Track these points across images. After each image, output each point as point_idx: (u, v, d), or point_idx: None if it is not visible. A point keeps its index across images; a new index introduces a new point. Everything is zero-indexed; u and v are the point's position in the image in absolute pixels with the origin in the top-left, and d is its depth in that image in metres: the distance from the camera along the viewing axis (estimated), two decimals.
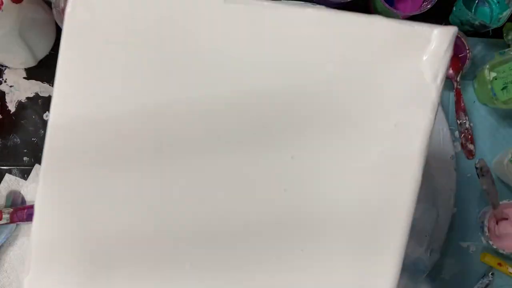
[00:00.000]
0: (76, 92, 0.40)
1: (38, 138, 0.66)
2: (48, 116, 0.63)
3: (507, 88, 0.66)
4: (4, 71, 0.67)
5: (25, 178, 0.66)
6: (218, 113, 0.40)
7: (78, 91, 0.40)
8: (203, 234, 0.40)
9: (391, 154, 0.39)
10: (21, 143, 0.66)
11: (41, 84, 0.67)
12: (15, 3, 0.56)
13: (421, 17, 0.68)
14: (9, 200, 0.65)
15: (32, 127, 0.66)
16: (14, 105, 0.66)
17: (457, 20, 0.69)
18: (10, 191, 0.65)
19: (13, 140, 0.66)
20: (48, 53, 0.67)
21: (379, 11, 0.67)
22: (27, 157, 0.66)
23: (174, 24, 0.40)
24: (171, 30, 0.40)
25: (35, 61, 0.66)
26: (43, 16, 0.63)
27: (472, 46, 0.69)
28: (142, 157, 0.40)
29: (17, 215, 0.63)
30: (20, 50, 0.61)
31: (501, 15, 0.68)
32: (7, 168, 0.66)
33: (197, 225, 0.40)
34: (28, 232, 0.64)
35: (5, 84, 0.66)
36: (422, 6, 0.67)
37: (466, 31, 0.69)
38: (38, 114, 0.66)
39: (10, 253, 0.64)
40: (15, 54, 0.62)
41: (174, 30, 0.40)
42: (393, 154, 0.39)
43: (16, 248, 0.65)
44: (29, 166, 0.66)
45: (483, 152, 0.69)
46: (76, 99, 0.40)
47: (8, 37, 0.57)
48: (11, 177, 0.65)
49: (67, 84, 0.40)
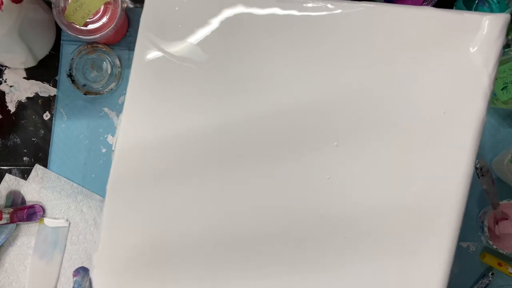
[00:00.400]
0: (144, 115, 0.44)
1: (38, 138, 0.66)
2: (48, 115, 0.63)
3: (507, 88, 0.66)
4: (4, 71, 0.67)
5: (25, 178, 0.66)
6: (284, 121, 0.42)
7: (146, 114, 0.44)
8: (277, 233, 0.42)
9: (439, 143, 0.38)
10: (21, 143, 0.66)
11: (41, 84, 0.67)
12: (15, 3, 0.56)
13: None
14: (9, 200, 0.65)
15: (32, 127, 0.66)
16: (14, 105, 0.66)
17: None
18: (10, 191, 0.65)
19: (13, 140, 0.66)
20: (48, 53, 0.67)
21: None
22: (27, 157, 0.66)
23: (236, 42, 0.43)
24: (233, 50, 0.43)
25: (35, 61, 0.66)
26: (43, 16, 0.63)
27: None
28: (207, 169, 0.43)
29: (17, 215, 0.63)
30: (20, 50, 0.61)
31: None
32: (7, 168, 0.66)
33: (268, 226, 0.42)
34: (28, 232, 0.65)
35: (5, 84, 0.66)
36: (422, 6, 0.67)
37: None
38: (38, 114, 0.66)
39: (10, 253, 0.64)
40: (15, 54, 0.62)
41: (235, 48, 0.43)
42: (442, 143, 0.38)
43: (16, 248, 0.65)
44: (29, 166, 0.66)
45: (483, 152, 0.69)
46: (143, 121, 0.44)
47: (8, 37, 0.57)
48: (11, 177, 0.65)
49: (135, 108, 0.44)
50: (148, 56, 0.44)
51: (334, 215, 0.41)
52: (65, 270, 0.65)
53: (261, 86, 0.43)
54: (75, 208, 0.65)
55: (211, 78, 0.43)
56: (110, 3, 0.61)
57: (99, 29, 0.61)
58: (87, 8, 0.60)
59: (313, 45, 0.42)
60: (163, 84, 0.44)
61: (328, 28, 0.42)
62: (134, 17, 0.67)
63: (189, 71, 0.43)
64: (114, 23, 0.60)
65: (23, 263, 0.65)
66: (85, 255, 0.65)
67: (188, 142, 0.43)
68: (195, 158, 0.43)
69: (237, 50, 0.43)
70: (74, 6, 0.60)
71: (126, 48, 0.67)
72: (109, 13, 0.61)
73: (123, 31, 0.67)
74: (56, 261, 0.64)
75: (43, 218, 0.65)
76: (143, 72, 0.44)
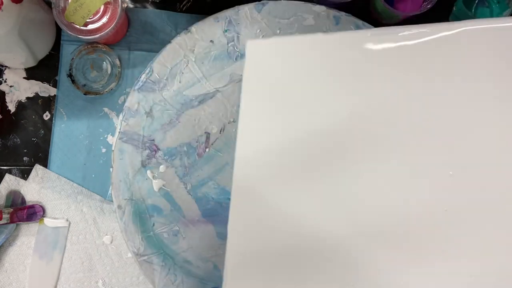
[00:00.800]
0: (260, 122, 0.46)
1: (38, 138, 0.66)
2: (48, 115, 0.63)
3: None
4: (4, 71, 0.67)
5: (25, 178, 0.66)
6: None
7: (262, 121, 0.46)
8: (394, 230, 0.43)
9: None
10: (21, 143, 0.66)
11: (41, 84, 0.67)
12: (15, 3, 0.56)
13: (421, 17, 0.68)
14: (9, 200, 0.65)
15: (32, 127, 0.66)
16: (14, 105, 0.66)
17: (457, 20, 0.69)
18: (10, 191, 0.65)
19: (13, 140, 0.66)
20: (48, 53, 0.67)
21: (379, 11, 0.67)
22: (27, 157, 0.66)
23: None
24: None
25: (35, 61, 0.66)
26: (43, 16, 0.63)
27: None
28: (327, 168, 0.45)
29: (17, 215, 0.63)
30: (20, 50, 0.61)
31: (501, 15, 0.68)
32: (7, 168, 0.66)
33: (385, 223, 0.44)
34: (28, 232, 0.65)
35: (5, 84, 0.66)
36: (422, 6, 0.67)
37: None
38: (38, 114, 0.66)
39: (10, 253, 0.64)
40: (15, 54, 0.62)
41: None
42: None
43: (16, 248, 0.65)
44: (29, 166, 0.66)
45: None
46: (259, 129, 0.46)
47: (8, 37, 0.57)
48: (11, 177, 0.65)
49: (251, 115, 0.47)
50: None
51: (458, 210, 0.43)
52: (65, 270, 0.65)
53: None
54: (75, 208, 0.65)
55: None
56: (110, 3, 0.61)
57: (99, 29, 0.61)
58: (87, 8, 0.60)
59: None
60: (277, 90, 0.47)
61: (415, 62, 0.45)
62: (134, 17, 0.67)
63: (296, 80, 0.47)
64: (114, 23, 0.60)
65: (23, 263, 0.65)
66: (85, 255, 0.65)
67: (306, 143, 0.45)
68: (313, 158, 0.45)
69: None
70: (74, 6, 0.60)
71: (126, 48, 0.67)
72: (109, 13, 0.61)
73: (123, 31, 0.67)
74: (56, 261, 0.64)
75: (43, 218, 0.65)
76: (253, 85, 0.47)
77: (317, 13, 0.64)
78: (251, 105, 0.47)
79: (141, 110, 0.62)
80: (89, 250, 0.65)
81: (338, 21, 0.64)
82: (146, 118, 0.62)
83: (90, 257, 0.65)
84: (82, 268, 0.65)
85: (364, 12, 0.69)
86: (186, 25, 0.67)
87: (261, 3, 0.63)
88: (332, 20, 0.64)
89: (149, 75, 0.62)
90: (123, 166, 0.61)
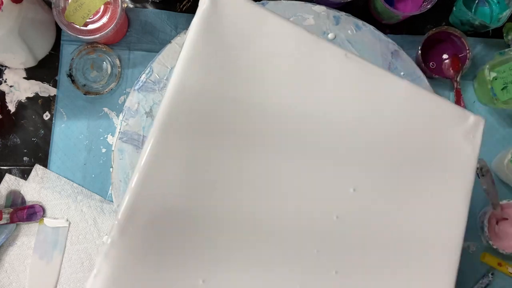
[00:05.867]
0: (203, 67, 0.44)
1: (38, 138, 0.66)
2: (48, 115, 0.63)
3: (507, 88, 0.66)
4: (4, 71, 0.67)
5: (25, 178, 0.66)
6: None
7: (205, 67, 0.44)
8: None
9: (439, 195, 0.52)
10: (21, 143, 0.66)
11: (41, 84, 0.67)
12: (15, 3, 0.56)
13: (421, 17, 0.68)
14: (9, 200, 0.65)
15: (32, 127, 0.66)
16: (14, 105, 0.66)
17: (457, 20, 0.69)
18: (10, 191, 0.65)
19: (13, 140, 0.66)
20: (48, 53, 0.67)
21: (379, 11, 0.67)
22: (27, 157, 0.66)
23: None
24: None
25: (35, 61, 0.66)
26: (43, 16, 0.63)
27: (472, 46, 0.69)
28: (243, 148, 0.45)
29: (17, 215, 0.63)
30: (20, 50, 0.61)
31: (501, 15, 0.68)
32: (7, 168, 0.66)
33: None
34: (28, 232, 0.65)
35: (5, 84, 0.66)
36: (422, 6, 0.67)
37: (466, 31, 0.69)
38: (38, 114, 0.66)
39: (10, 253, 0.64)
40: (15, 54, 0.62)
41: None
42: (441, 197, 0.52)
43: (16, 248, 0.65)
44: (29, 166, 0.66)
45: (483, 152, 0.69)
46: (201, 71, 0.44)
47: (8, 37, 0.57)
48: (11, 177, 0.65)
49: (193, 59, 0.44)
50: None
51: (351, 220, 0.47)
52: (65, 270, 0.65)
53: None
54: (75, 208, 0.65)
55: None
56: (110, 3, 0.61)
57: (99, 29, 0.61)
58: (87, 8, 0.60)
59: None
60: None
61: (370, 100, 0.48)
62: (134, 17, 0.67)
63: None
64: (114, 23, 0.60)
65: (23, 263, 0.65)
66: (85, 255, 0.65)
67: (233, 111, 0.45)
68: (234, 128, 0.44)
69: None
70: (74, 6, 0.60)
71: (126, 48, 0.67)
72: (109, 13, 0.61)
73: (123, 31, 0.67)
74: (56, 261, 0.64)
75: (43, 218, 0.65)
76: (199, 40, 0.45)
77: (317, 13, 0.64)
78: (194, 46, 0.44)
79: (141, 110, 0.62)
80: (89, 250, 0.65)
81: (338, 21, 0.64)
82: (146, 118, 0.62)
83: (90, 257, 0.65)
84: (82, 268, 0.65)
85: (364, 12, 0.69)
86: (186, 25, 0.67)
87: (261, 3, 0.63)
88: (332, 20, 0.64)
89: (149, 75, 0.62)
90: (123, 166, 0.61)
